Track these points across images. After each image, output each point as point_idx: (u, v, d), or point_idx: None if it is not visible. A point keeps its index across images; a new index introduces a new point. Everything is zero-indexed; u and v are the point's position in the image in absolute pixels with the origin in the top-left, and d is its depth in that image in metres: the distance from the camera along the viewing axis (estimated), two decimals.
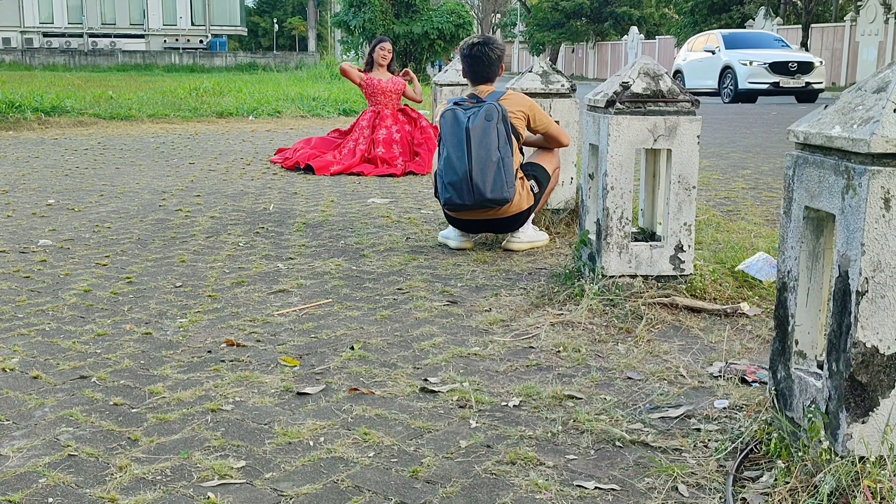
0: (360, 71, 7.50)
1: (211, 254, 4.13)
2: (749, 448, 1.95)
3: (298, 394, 2.39)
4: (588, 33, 45.41)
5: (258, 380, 2.50)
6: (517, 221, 4.14)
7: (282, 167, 7.47)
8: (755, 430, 1.99)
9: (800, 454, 1.78)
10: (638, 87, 3.14)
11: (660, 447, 2.05)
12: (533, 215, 4.25)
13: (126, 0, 48.00)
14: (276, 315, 3.14)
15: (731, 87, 18.56)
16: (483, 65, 4.18)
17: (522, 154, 4.19)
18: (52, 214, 5.20)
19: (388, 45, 7.55)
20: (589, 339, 2.85)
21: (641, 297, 3.12)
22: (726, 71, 18.75)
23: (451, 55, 21.98)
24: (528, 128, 4.17)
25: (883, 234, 1.64)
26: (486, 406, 2.31)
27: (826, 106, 1.85)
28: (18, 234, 4.63)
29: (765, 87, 18.08)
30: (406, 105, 7.68)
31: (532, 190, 4.13)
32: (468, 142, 3.94)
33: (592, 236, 3.36)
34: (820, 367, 1.90)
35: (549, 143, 4.31)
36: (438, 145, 4.16)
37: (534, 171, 4.20)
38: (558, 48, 48.42)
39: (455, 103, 4.14)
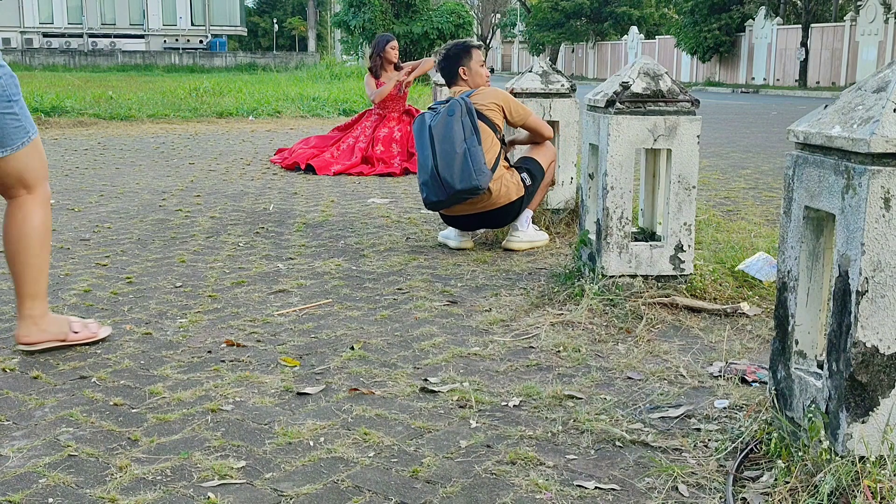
0: (373, 81, 7.48)
1: (211, 254, 4.13)
2: (749, 448, 1.95)
3: (298, 394, 2.40)
4: (588, 33, 45.44)
5: (258, 380, 2.50)
6: (509, 213, 4.14)
7: (282, 167, 7.48)
8: (755, 430, 1.99)
9: (800, 454, 1.78)
10: (638, 86, 3.14)
11: (660, 447, 2.05)
12: (531, 212, 4.25)
13: (126, 0, 48.04)
14: (276, 315, 3.14)
15: None
16: (440, 67, 4.41)
17: (504, 144, 4.20)
18: (51, 215, 5.19)
19: (395, 43, 7.53)
20: (589, 339, 2.85)
21: (641, 297, 3.12)
22: None
23: None
24: (508, 121, 4.18)
25: (883, 234, 1.64)
26: (486, 406, 2.31)
27: (826, 106, 1.85)
28: None
29: None
30: (411, 105, 7.70)
31: (524, 182, 4.14)
32: (431, 140, 4.04)
33: (592, 236, 3.36)
34: (820, 366, 1.90)
35: (534, 137, 4.33)
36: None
37: (527, 165, 4.23)
38: (558, 48, 48.44)
39: (429, 108, 4.28)
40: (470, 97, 4.12)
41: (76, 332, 2.77)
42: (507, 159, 4.22)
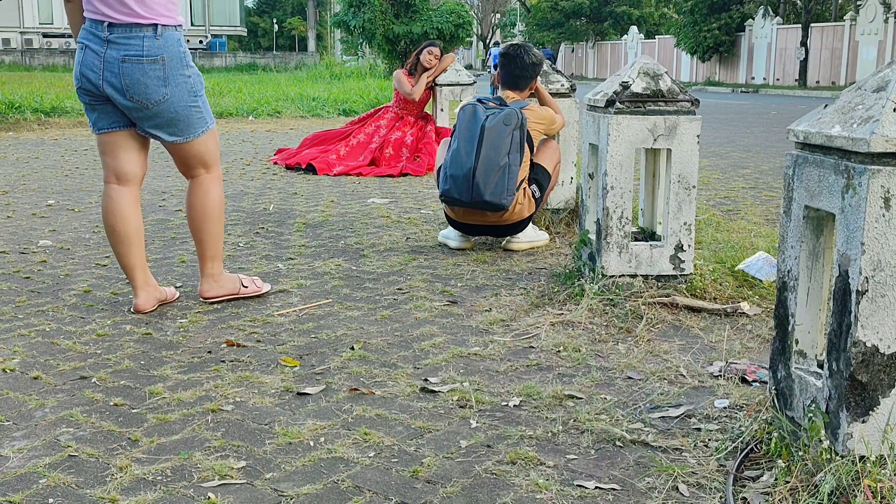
0: (407, 75, 7.43)
1: None
2: (749, 447, 1.95)
3: (298, 394, 2.40)
4: (588, 33, 45.45)
5: (258, 380, 2.50)
6: (518, 227, 4.14)
7: (283, 166, 7.47)
8: (755, 430, 1.99)
9: (800, 453, 1.78)
10: (638, 86, 3.14)
11: (660, 447, 2.05)
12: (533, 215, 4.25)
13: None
14: (276, 315, 3.14)
15: None
16: (515, 66, 4.20)
17: (531, 165, 4.17)
18: (52, 215, 5.20)
19: (436, 50, 7.45)
20: (589, 339, 2.85)
21: (641, 297, 3.12)
22: None
23: (456, 53, 21.97)
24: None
25: (883, 234, 1.64)
26: (486, 406, 2.31)
27: (826, 105, 1.85)
28: (19, 234, 4.63)
29: None
30: (428, 112, 7.70)
31: (534, 195, 4.12)
32: (480, 139, 3.94)
33: (592, 236, 3.36)
34: (820, 366, 1.90)
35: None
36: (451, 136, 4.15)
37: (535, 174, 4.17)
38: (558, 48, 48.44)
39: (479, 100, 4.14)
40: (523, 110, 4.06)
41: (245, 287, 3.32)
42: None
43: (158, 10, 2.95)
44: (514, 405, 2.31)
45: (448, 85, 7.93)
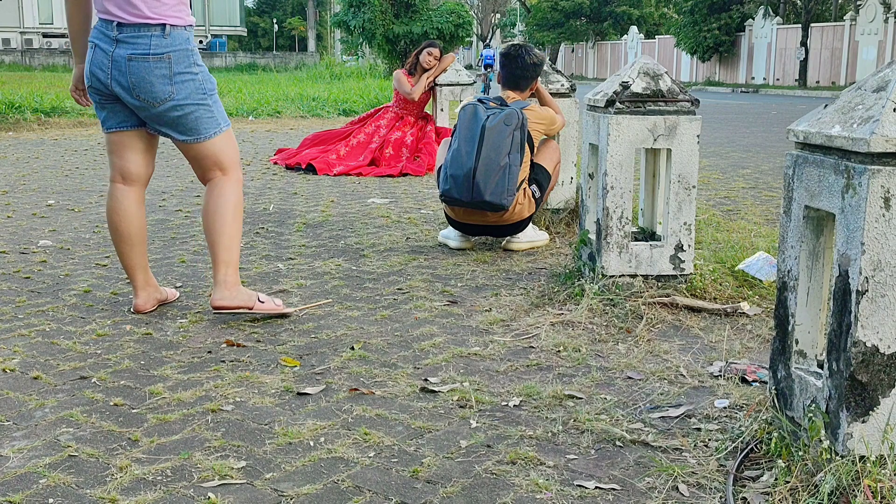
0: (407, 75, 7.44)
1: None
2: (749, 447, 1.95)
3: (298, 394, 2.40)
4: (588, 33, 45.45)
5: (258, 380, 2.50)
6: (518, 227, 4.14)
7: (283, 166, 7.47)
8: (755, 430, 1.99)
9: (800, 453, 1.78)
10: (638, 86, 3.14)
11: (660, 447, 2.05)
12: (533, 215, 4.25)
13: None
14: None
15: None
16: (516, 66, 4.20)
17: (532, 165, 4.18)
18: (52, 215, 5.20)
19: (435, 52, 7.48)
20: (589, 339, 2.85)
21: (641, 297, 3.12)
22: None
23: (456, 53, 21.96)
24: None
25: (883, 234, 1.64)
26: (486, 406, 2.31)
27: (826, 105, 1.85)
28: (19, 234, 4.63)
29: None
30: (428, 112, 7.71)
31: (534, 195, 4.12)
32: (481, 139, 3.94)
33: (592, 236, 3.36)
34: (820, 366, 1.90)
35: None
36: (451, 136, 4.15)
37: (535, 175, 4.18)
38: (558, 48, 48.46)
39: (479, 100, 4.14)
40: (524, 110, 4.06)
41: (262, 303, 3.07)
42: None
43: (166, 10, 2.94)
44: (514, 405, 2.31)
45: (448, 85, 7.93)
